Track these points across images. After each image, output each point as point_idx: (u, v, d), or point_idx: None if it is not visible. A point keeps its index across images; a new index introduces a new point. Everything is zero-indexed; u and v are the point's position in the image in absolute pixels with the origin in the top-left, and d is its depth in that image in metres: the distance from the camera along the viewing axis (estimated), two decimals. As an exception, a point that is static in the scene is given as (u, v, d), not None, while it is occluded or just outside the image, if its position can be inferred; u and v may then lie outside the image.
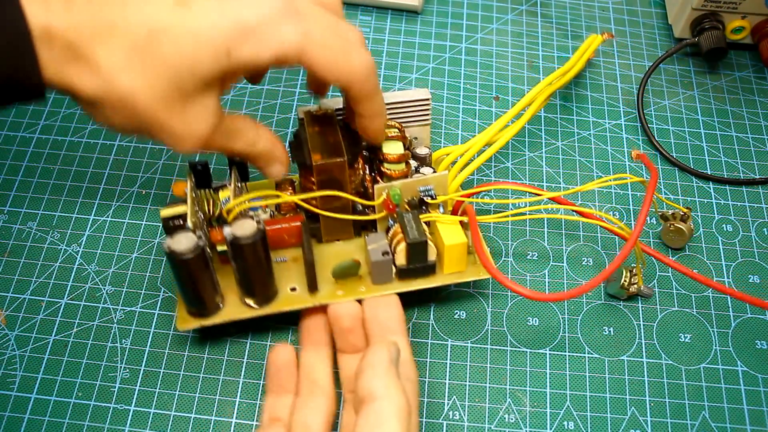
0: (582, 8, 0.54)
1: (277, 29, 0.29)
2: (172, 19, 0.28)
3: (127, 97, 0.28)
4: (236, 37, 0.28)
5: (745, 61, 0.51)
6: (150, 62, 0.28)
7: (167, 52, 0.28)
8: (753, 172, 0.45)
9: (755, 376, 0.37)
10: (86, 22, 0.27)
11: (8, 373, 0.36)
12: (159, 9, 0.28)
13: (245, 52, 0.29)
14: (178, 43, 0.28)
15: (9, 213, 0.42)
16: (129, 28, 0.27)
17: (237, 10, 0.28)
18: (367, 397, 0.28)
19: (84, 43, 0.27)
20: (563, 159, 0.45)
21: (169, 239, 0.32)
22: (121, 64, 0.28)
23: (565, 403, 0.36)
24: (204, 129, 0.31)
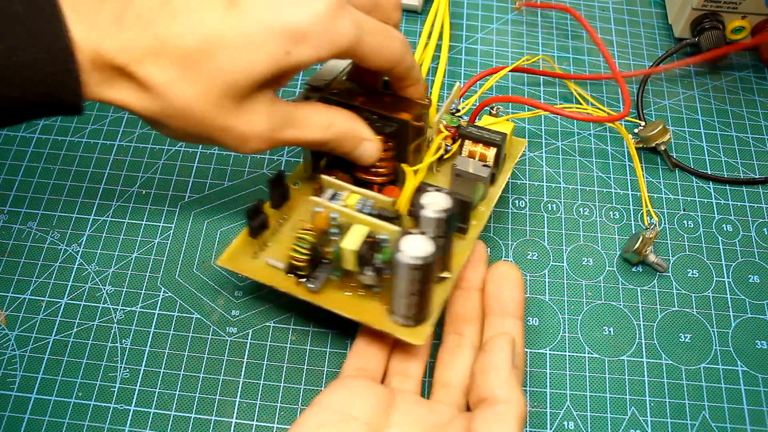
0: (582, 8, 0.54)
1: (333, 26, 0.28)
2: (224, 24, 0.27)
3: (183, 109, 0.28)
4: (293, 39, 0.28)
5: (745, 61, 0.51)
6: (204, 72, 0.27)
7: (222, 60, 0.27)
8: (753, 172, 0.45)
9: (755, 376, 0.37)
10: (137, 41, 0.27)
11: (8, 373, 0.36)
12: (210, 15, 0.27)
13: (303, 52, 0.28)
14: (233, 50, 0.27)
15: (9, 213, 0.42)
16: (181, 40, 0.27)
17: (291, 10, 0.27)
18: (489, 399, 0.28)
19: (135, 62, 0.27)
20: (563, 159, 0.45)
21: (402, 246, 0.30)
22: (174, 79, 0.27)
23: (565, 403, 0.36)
24: (265, 126, 0.30)
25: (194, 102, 0.28)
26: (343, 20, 0.28)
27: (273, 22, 0.27)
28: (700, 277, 0.41)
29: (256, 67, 0.28)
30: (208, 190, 0.43)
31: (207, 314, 0.38)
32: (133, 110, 0.29)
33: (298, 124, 0.31)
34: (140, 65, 0.27)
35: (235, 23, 0.27)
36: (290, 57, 0.28)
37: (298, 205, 0.37)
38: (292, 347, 0.38)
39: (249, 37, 0.27)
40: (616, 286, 0.40)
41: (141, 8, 0.27)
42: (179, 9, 0.27)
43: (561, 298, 0.40)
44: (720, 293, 0.40)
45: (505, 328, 0.33)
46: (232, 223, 0.42)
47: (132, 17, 0.27)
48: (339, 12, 0.28)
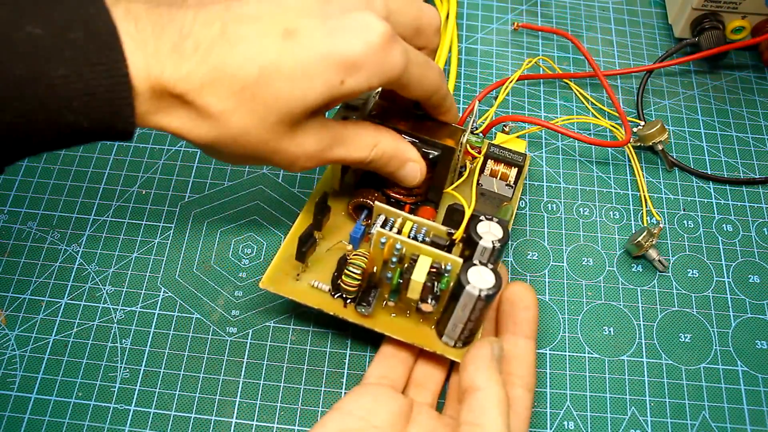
0: (582, 8, 0.54)
1: (386, 57, 0.29)
2: (281, 55, 0.27)
3: (239, 136, 0.28)
4: (348, 69, 0.28)
5: (745, 61, 0.51)
6: (261, 101, 0.28)
7: (278, 88, 0.28)
8: (753, 172, 0.45)
9: (755, 376, 0.37)
10: (196, 70, 0.27)
11: (8, 373, 0.36)
12: (268, 45, 0.27)
13: (357, 81, 0.28)
14: (290, 79, 0.27)
15: (9, 213, 0.42)
16: (239, 70, 0.27)
17: (346, 40, 0.28)
18: (470, 389, 0.29)
19: (194, 91, 0.27)
20: (563, 159, 0.45)
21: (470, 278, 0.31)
22: (232, 108, 0.28)
23: (565, 403, 0.36)
24: (315, 147, 0.31)
25: (250, 129, 0.28)
26: (394, 51, 0.29)
27: (329, 53, 0.28)
28: (700, 277, 0.41)
29: (311, 96, 0.28)
30: (208, 190, 0.43)
31: (207, 314, 0.38)
32: (188, 137, 0.29)
33: (346, 143, 0.32)
34: (199, 94, 0.27)
35: (292, 53, 0.27)
36: (344, 86, 0.28)
37: (337, 225, 0.37)
38: (292, 347, 0.38)
39: (305, 67, 0.27)
40: (616, 286, 0.40)
41: (200, 38, 0.27)
42: (237, 39, 0.27)
43: (561, 298, 0.40)
44: (720, 293, 0.40)
45: (518, 348, 0.33)
46: (232, 223, 0.42)
47: (191, 47, 0.27)
48: (391, 43, 0.29)
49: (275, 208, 0.42)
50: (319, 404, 0.36)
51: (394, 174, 0.34)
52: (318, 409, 0.36)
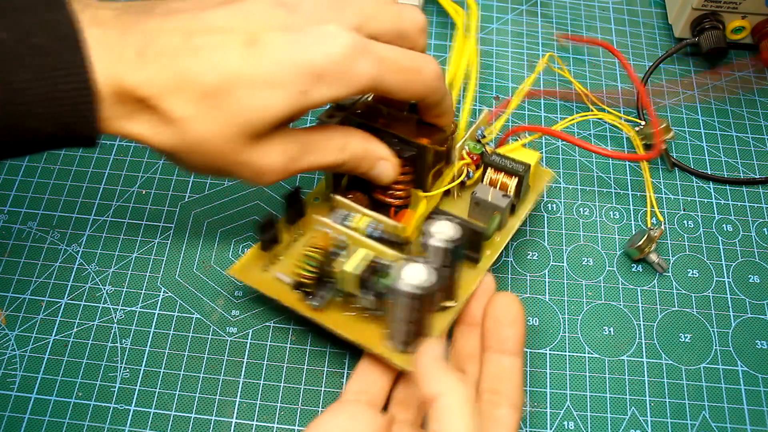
0: (582, 8, 0.54)
1: (351, 68, 0.28)
2: (243, 63, 0.27)
3: (200, 144, 0.28)
4: (311, 80, 0.28)
5: (745, 61, 0.51)
6: (223, 109, 0.28)
7: (240, 98, 0.27)
8: (753, 172, 0.45)
9: (755, 376, 0.38)
10: (158, 75, 0.27)
11: (8, 373, 0.36)
12: (230, 53, 0.27)
13: (321, 92, 0.28)
14: (251, 88, 0.27)
15: (9, 213, 0.42)
16: (201, 76, 0.27)
17: (309, 51, 0.28)
18: (429, 398, 0.28)
19: (157, 96, 0.27)
20: (563, 159, 0.45)
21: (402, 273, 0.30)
22: (193, 114, 0.28)
23: (565, 403, 0.36)
24: (281, 158, 0.30)
25: (211, 137, 0.28)
26: (361, 61, 0.28)
27: (290, 63, 0.28)
28: (700, 277, 0.41)
29: (274, 107, 0.28)
30: (208, 190, 0.43)
31: (207, 314, 0.38)
32: (150, 144, 0.29)
33: (314, 150, 0.31)
34: (162, 99, 0.27)
35: (253, 62, 0.27)
36: (307, 97, 0.28)
37: (312, 221, 0.37)
38: (292, 347, 0.38)
39: (267, 76, 0.27)
40: (616, 286, 0.40)
41: (164, 44, 0.27)
42: (200, 46, 0.27)
43: (561, 298, 0.40)
44: (720, 293, 0.40)
45: (502, 366, 0.32)
46: (232, 223, 0.42)
47: (155, 52, 0.27)
48: (357, 53, 0.28)
49: (275, 208, 0.42)
50: (319, 404, 0.36)
51: (367, 174, 0.34)
52: (318, 409, 0.36)
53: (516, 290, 0.40)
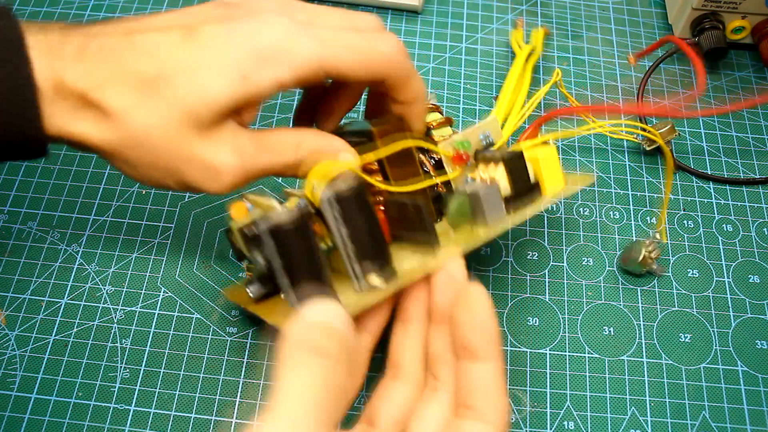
0: (582, 8, 0.54)
1: (290, 48, 0.28)
2: (181, 50, 0.27)
3: (143, 136, 0.28)
4: (250, 63, 0.28)
5: (745, 61, 0.51)
6: (163, 98, 0.27)
7: (179, 87, 0.27)
8: (753, 172, 0.45)
9: (755, 376, 0.38)
10: (97, 68, 0.27)
11: (8, 373, 0.36)
12: (169, 42, 0.28)
13: (261, 76, 0.28)
14: (190, 76, 0.27)
15: (9, 213, 0.42)
16: (138, 65, 0.27)
17: (247, 36, 0.28)
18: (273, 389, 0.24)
19: (95, 88, 0.27)
20: (563, 159, 0.45)
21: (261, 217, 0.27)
22: (133, 105, 0.27)
23: (565, 403, 0.36)
24: (233, 156, 0.29)
25: (154, 129, 0.27)
26: (302, 39, 0.28)
27: (229, 46, 0.27)
28: (700, 277, 0.41)
29: (214, 93, 0.27)
30: (208, 190, 0.43)
31: (207, 314, 0.38)
32: (94, 142, 0.28)
33: (268, 148, 0.30)
34: (100, 91, 0.27)
35: (191, 49, 0.27)
36: (249, 81, 0.28)
37: None
38: (292, 347, 0.38)
39: (205, 61, 0.27)
40: (616, 286, 0.40)
41: (104, 42, 0.28)
42: (139, 40, 0.28)
43: (561, 298, 0.40)
44: (720, 293, 0.40)
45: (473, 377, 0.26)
46: (232, 223, 0.42)
47: (95, 48, 0.28)
48: (297, 31, 0.28)
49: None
50: (319, 404, 0.36)
51: None
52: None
53: (516, 290, 0.40)
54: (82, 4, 0.52)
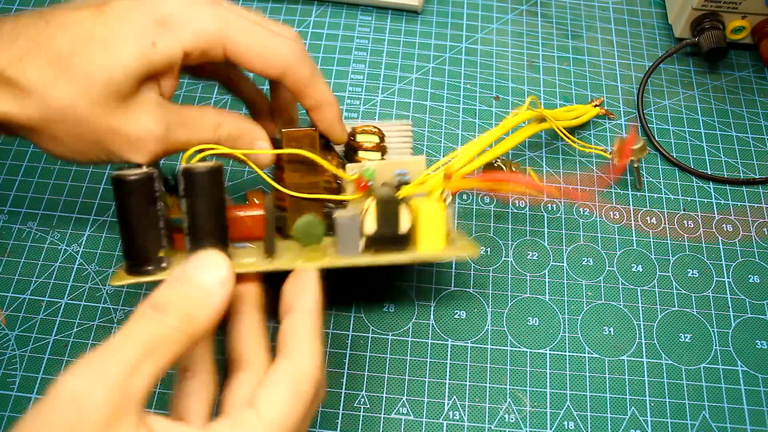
0: (582, 8, 0.54)
1: (193, 16, 0.29)
2: (93, 22, 0.29)
3: (66, 109, 0.28)
4: (155, 30, 0.29)
5: (745, 61, 0.51)
6: (79, 69, 0.28)
7: (93, 56, 0.28)
8: (753, 172, 0.45)
9: (755, 376, 0.38)
10: (11, 46, 0.28)
11: (8, 373, 0.36)
12: (81, 16, 0.29)
13: (168, 43, 0.29)
14: (102, 43, 0.28)
15: (9, 213, 0.42)
16: (53, 40, 0.28)
17: (153, 6, 0.29)
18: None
19: (11, 66, 0.28)
20: (563, 159, 0.45)
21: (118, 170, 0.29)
22: (51, 78, 0.28)
23: (565, 403, 0.36)
24: (155, 125, 0.30)
25: (74, 101, 0.28)
26: (204, 12, 0.30)
27: (136, 15, 0.29)
28: (700, 277, 0.41)
29: (127, 60, 0.29)
30: (208, 190, 0.43)
31: (207, 314, 0.38)
32: (18, 121, 0.29)
33: (189, 125, 0.32)
34: (16, 68, 0.28)
35: (102, 20, 0.29)
36: (157, 48, 0.29)
37: None
38: (292, 347, 0.38)
39: (115, 30, 0.29)
40: (616, 286, 0.40)
41: (16, 21, 0.29)
42: (53, 16, 0.29)
43: (561, 298, 0.40)
44: (720, 293, 0.40)
45: (293, 322, 0.28)
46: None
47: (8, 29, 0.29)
48: (200, 4, 0.30)
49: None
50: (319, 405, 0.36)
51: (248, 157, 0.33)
52: (318, 409, 0.36)
53: (516, 290, 0.40)
54: (82, 4, 0.52)
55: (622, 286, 0.40)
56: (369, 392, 0.37)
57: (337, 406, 0.36)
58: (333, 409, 0.36)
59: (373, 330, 0.38)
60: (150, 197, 0.30)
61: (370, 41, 0.51)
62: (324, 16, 0.52)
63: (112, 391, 0.23)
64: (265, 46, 0.31)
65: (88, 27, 0.29)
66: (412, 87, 0.48)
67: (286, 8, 0.52)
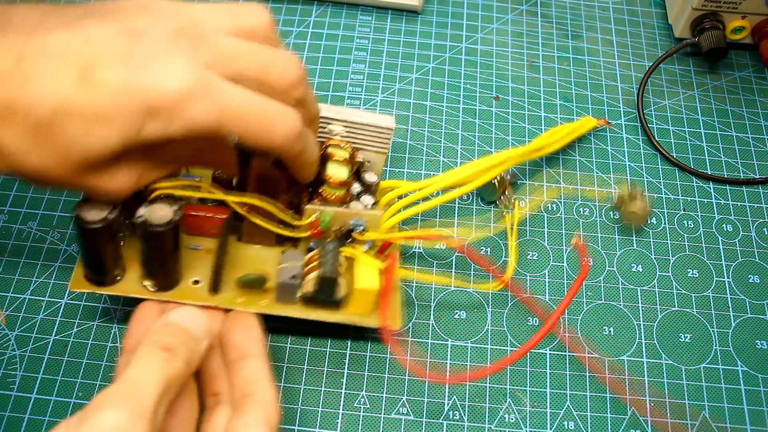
0: (582, 8, 0.54)
1: (187, 108, 0.27)
2: (76, 95, 0.26)
3: (39, 174, 0.28)
4: (144, 117, 0.27)
5: (745, 61, 0.51)
6: (57, 142, 0.26)
7: (74, 131, 0.26)
8: (753, 172, 0.45)
9: (755, 376, 0.38)
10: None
11: (8, 373, 0.36)
12: (63, 84, 0.26)
13: (156, 129, 0.27)
14: (84, 122, 0.26)
15: (9, 213, 0.42)
16: (31, 107, 0.26)
17: (144, 86, 0.26)
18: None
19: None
20: (563, 159, 0.45)
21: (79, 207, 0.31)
22: (26, 147, 0.27)
23: (565, 403, 0.36)
24: (128, 180, 0.29)
25: (49, 169, 0.27)
26: (198, 104, 0.27)
27: (124, 98, 0.26)
28: (700, 277, 0.41)
29: (109, 141, 0.27)
30: (208, 190, 0.43)
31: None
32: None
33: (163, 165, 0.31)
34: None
35: (86, 95, 0.26)
36: (141, 133, 0.27)
37: None
38: (292, 347, 0.38)
39: (100, 110, 0.26)
40: (616, 286, 0.40)
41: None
42: (33, 73, 0.26)
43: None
44: (720, 293, 0.40)
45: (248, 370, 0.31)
46: (232, 223, 0.42)
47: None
48: (196, 94, 0.27)
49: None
50: (319, 404, 0.36)
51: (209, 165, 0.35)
52: (318, 409, 0.36)
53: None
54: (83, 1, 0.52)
55: (622, 286, 0.40)
56: (369, 392, 0.37)
57: (337, 406, 0.36)
58: (333, 409, 0.36)
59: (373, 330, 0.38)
60: (109, 236, 0.32)
61: (370, 41, 0.51)
62: (324, 16, 0.52)
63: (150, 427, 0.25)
64: (261, 133, 0.29)
65: (70, 100, 0.26)
66: (412, 87, 0.48)
67: (286, 8, 0.52)
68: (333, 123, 0.37)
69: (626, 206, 0.41)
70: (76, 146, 0.27)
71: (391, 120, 0.37)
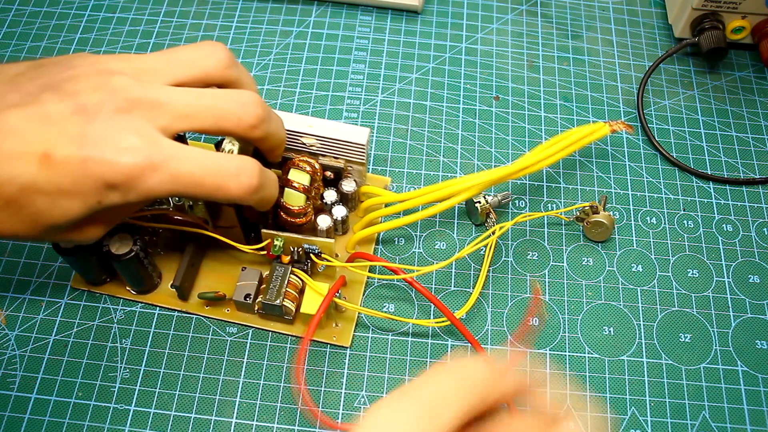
0: (582, 8, 0.54)
1: (142, 181, 0.28)
2: (38, 177, 0.28)
3: (12, 236, 0.29)
4: (104, 191, 0.28)
5: (745, 61, 0.51)
6: (25, 212, 0.28)
7: (40, 206, 0.28)
8: (753, 172, 0.45)
9: (755, 376, 0.38)
10: None
11: (8, 373, 0.36)
12: (26, 167, 0.28)
13: (115, 199, 0.29)
14: (49, 198, 0.28)
15: (9, 213, 0.42)
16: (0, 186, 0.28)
17: (100, 164, 0.28)
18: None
19: None
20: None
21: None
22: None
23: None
24: (100, 230, 0.31)
25: (20, 232, 0.29)
26: (151, 177, 0.29)
27: (83, 177, 0.28)
28: (700, 277, 0.41)
29: (72, 212, 0.29)
30: (208, 190, 0.43)
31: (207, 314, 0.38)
32: None
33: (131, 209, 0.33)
34: None
35: (47, 176, 0.28)
36: (102, 203, 0.29)
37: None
38: (291, 347, 0.38)
39: (62, 188, 0.28)
40: (616, 286, 0.40)
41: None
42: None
43: (561, 298, 0.40)
44: (720, 293, 0.40)
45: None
46: (232, 223, 0.42)
47: None
48: (148, 169, 0.28)
49: (275, 208, 0.42)
50: (319, 404, 0.36)
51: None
52: (317, 409, 0.36)
53: (516, 290, 0.40)
54: (82, 5, 0.52)
55: (622, 286, 0.40)
56: (369, 392, 0.37)
57: (337, 406, 0.36)
58: (333, 409, 0.36)
59: (373, 330, 0.38)
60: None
61: (370, 41, 0.51)
62: (324, 16, 0.52)
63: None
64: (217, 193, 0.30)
65: (34, 180, 0.28)
66: (412, 87, 0.48)
67: (286, 8, 0.52)
68: (305, 137, 0.38)
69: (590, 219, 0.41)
70: (44, 217, 0.29)
71: (365, 134, 0.38)
